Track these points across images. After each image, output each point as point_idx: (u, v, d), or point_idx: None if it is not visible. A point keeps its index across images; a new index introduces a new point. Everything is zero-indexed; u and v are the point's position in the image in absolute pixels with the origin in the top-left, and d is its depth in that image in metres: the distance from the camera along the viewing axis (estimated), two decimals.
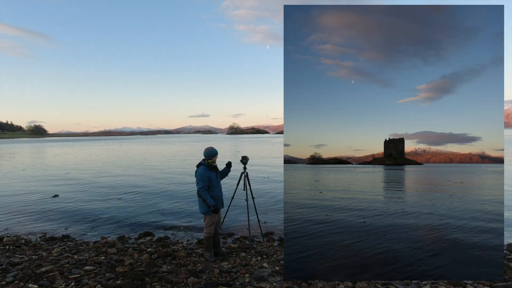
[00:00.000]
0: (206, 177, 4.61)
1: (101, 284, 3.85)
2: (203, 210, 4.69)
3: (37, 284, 3.87)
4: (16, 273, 4.20)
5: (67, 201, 10.27)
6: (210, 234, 4.81)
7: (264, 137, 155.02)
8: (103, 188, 12.86)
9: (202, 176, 4.58)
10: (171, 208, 9.07)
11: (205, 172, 4.63)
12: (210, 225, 4.77)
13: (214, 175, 4.73)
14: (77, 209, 9.11)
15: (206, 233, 4.81)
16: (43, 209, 9.16)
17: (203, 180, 4.58)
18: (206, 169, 4.67)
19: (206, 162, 4.74)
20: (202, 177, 4.58)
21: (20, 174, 18.24)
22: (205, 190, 4.59)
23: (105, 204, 9.68)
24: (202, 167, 4.70)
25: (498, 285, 3.84)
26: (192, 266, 4.53)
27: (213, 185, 4.69)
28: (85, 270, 4.36)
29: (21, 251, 5.45)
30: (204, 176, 4.59)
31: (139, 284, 3.82)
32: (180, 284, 3.89)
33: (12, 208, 9.35)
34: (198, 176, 4.60)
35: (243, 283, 3.94)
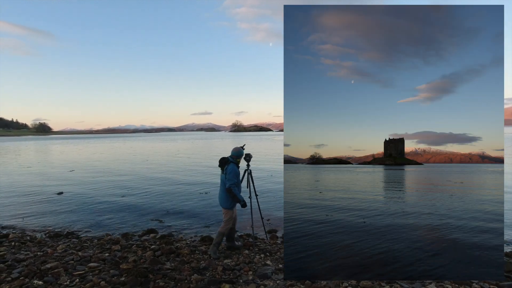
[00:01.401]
0: (238, 174, 4.89)
1: (105, 280, 3.89)
2: (228, 205, 4.90)
3: (42, 281, 3.91)
4: (22, 269, 4.24)
5: (72, 198, 10.34)
6: (227, 229, 4.98)
7: (267, 134, 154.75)
8: (107, 185, 12.92)
9: (236, 173, 4.83)
10: (175, 206, 9.12)
11: (237, 169, 4.89)
12: (229, 220, 4.95)
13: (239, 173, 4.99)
14: (81, 206, 9.18)
15: (224, 228, 4.95)
16: (48, 206, 9.23)
17: (236, 176, 4.82)
18: (235, 166, 4.90)
19: (236, 160, 4.97)
20: (235, 174, 4.83)
21: (25, 171, 18.31)
22: (236, 186, 4.82)
23: (109, 201, 9.74)
24: (232, 164, 4.89)
25: (504, 284, 3.86)
26: (196, 263, 4.58)
27: (239, 182, 4.94)
28: (89, 266, 4.41)
29: (26, 247, 5.51)
30: (237, 173, 4.85)
31: (142, 281, 3.86)
32: (183, 281, 3.93)
33: (17, 205, 9.43)
34: (232, 172, 4.80)
35: (246, 280, 3.97)
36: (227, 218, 4.95)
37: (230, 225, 5.03)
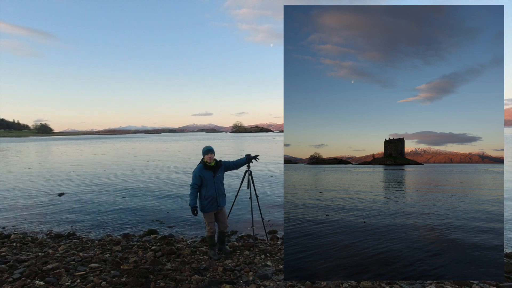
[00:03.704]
0: (197, 176, 4.68)
1: (106, 281, 3.90)
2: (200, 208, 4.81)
3: (44, 281, 3.92)
4: (23, 270, 4.26)
5: (73, 199, 10.35)
6: (211, 233, 4.88)
7: (267, 135, 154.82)
8: (108, 186, 12.94)
9: (194, 175, 4.71)
10: (175, 206, 9.13)
11: (198, 171, 4.70)
12: (208, 224, 4.86)
13: (209, 175, 4.73)
14: (82, 207, 9.19)
15: (207, 231, 4.91)
16: (49, 207, 9.24)
17: (193, 178, 4.70)
18: (201, 168, 4.72)
19: (202, 161, 4.80)
20: (194, 175, 4.71)
21: (26, 172, 18.33)
22: (193, 188, 4.70)
23: (110, 202, 9.76)
24: (198, 165, 4.78)
25: (504, 285, 3.86)
26: (196, 264, 4.59)
27: (206, 185, 4.71)
28: (90, 267, 4.42)
29: (27, 248, 5.52)
30: (195, 175, 4.69)
31: (143, 282, 3.88)
32: (184, 281, 3.95)
33: (19, 205, 9.44)
34: (192, 174, 4.76)
35: (247, 281, 3.99)
36: (206, 223, 4.89)
37: (213, 229, 4.87)
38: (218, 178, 4.84)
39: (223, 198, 4.94)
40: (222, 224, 5.02)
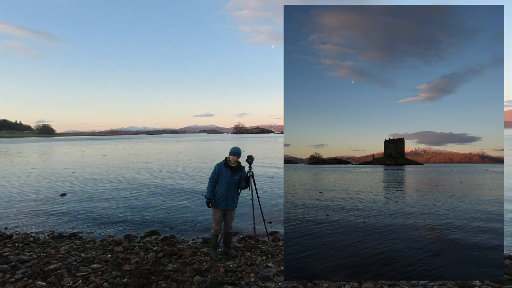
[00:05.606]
0: (216, 171, 4.88)
1: (107, 281, 3.91)
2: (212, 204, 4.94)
3: (45, 281, 3.94)
4: (25, 270, 4.28)
5: (75, 199, 10.37)
6: (216, 232, 4.93)
7: (268, 136, 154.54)
8: (110, 186, 12.97)
9: (214, 170, 4.91)
10: (177, 207, 9.16)
11: (218, 167, 4.91)
12: (215, 221, 4.91)
13: (227, 173, 4.86)
14: (84, 207, 9.21)
15: (212, 229, 4.96)
16: (51, 207, 9.26)
17: (212, 173, 4.91)
18: (222, 164, 4.92)
19: (226, 159, 4.98)
20: (214, 170, 4.92)
21: (28, 172, 18.35)
22: (211, 182, 4.88)
23: (111, 203, 9.78)
24: (221, 161, 4.96)
25: (507, 287, 3.87)
26: (198, 265, 4.60)
27: (221, 182, 4.85)
28: (92, 267, 4.43)
29: (29, 248, 5.54)
30: (215, 170, 4.90)
31: (145, 282, 3.89)
32: (185, 282, 3.96)
33: (21, 206, 9.47)
34: (213, 168, 4.94)
35: (248, 282, 4.00)
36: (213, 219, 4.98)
37: (218, 228, 4.92)
38: (234, 180, 4.91)
39: (232, 202, 4.94)
40: (225, 224, 5.07)
